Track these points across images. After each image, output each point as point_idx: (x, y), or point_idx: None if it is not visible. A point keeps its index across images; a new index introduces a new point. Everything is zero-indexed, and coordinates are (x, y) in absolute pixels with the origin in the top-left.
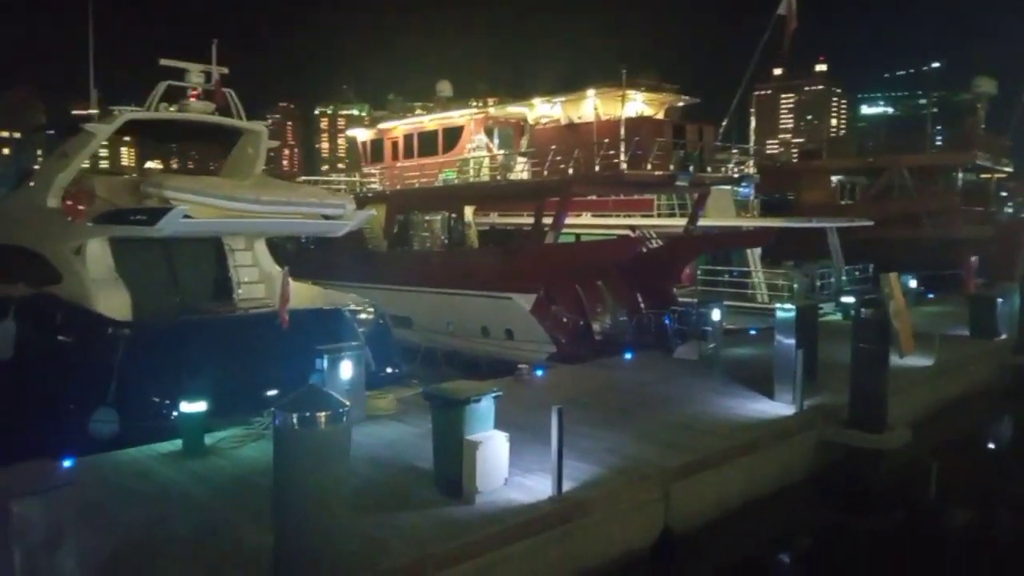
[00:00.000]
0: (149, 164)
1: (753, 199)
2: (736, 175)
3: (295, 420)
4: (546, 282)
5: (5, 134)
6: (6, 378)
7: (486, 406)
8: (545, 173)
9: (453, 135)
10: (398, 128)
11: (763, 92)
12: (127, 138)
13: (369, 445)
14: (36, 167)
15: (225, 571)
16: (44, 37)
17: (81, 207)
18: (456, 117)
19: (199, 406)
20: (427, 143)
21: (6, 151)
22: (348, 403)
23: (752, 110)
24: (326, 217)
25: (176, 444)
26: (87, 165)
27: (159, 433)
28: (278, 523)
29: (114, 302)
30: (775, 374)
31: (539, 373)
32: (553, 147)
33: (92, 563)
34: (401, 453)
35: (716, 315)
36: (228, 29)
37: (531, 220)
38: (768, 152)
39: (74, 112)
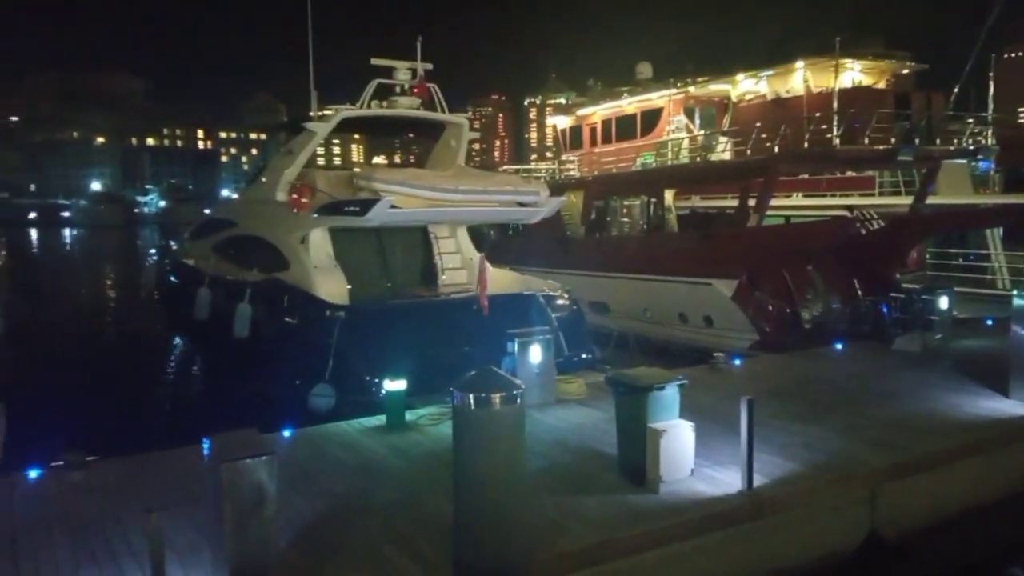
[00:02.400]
0: (375, 159)
1: (994, 173)
2: (971, 147)
3: (471, 400)
4: (749, 267)
5: (254, 136)
6: (243, 354)
7: (671, 394)
8: (749, 152)
9: (652, 117)
10: (596, 113)
11: (1013, 55)
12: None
13: (557, 428)
14: (270, 164)
15: (416, 539)
16: (281, 45)
17: (305, 200)
18: (655, 99)
19: (401, 384)
20: (625, 127)
21: (255, 150)
22: (523, 385)
23: (991, 73)
24: (521, 204)
25: (380, 419)
26: (311, 161)
27: (368, 408)
28: (457, 498)
29: (333, 287)
30: (1011, 368)
31: (737, 362)
32: (758, 124)
33: (298, 525)
34: (587, 438)
35: (944, 303)
36: (443, 26)
37: (735, 203)
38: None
39: (304, 113)
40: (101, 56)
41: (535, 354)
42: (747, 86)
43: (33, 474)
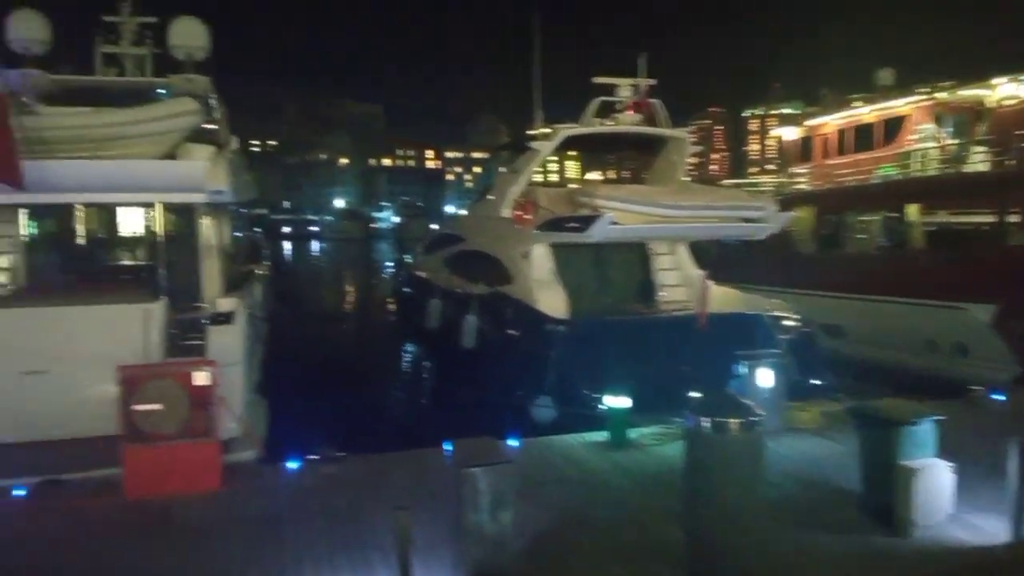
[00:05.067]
0: (588, 175)
1: None
2: None
3: (707, 424)
4: (1010, 291)
5: (479, 154)
6: (470, 363)
7: (925, 430)
8: (1008, 162)
9: (893, 126)
10: (828, 124)
11: None
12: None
13: (789, 458)
14: (494, 182)
15: (642, 559)
16: (504, 70)
17: (528, 217)
18: (898, 107)
19: (625, 401)
20: (862, 137)
21: (478, 169)
22: (763, 412)
23: None
24: (747, 220)
25: (602, 435)
26: (535, 178)
27: (587, 422)
28: (690, 524)
29: (553, 301)
30: None
31: (999, 398)
32: (1020, 132)
33: (528, 533)
34: (823, 470)
35: None
36: (659, 40)
37: (988, 218)
38: None
39: (526, 132)
40: (347, 85)
41: (765, 378)
42: (1008, 90)
43: (292, 465)
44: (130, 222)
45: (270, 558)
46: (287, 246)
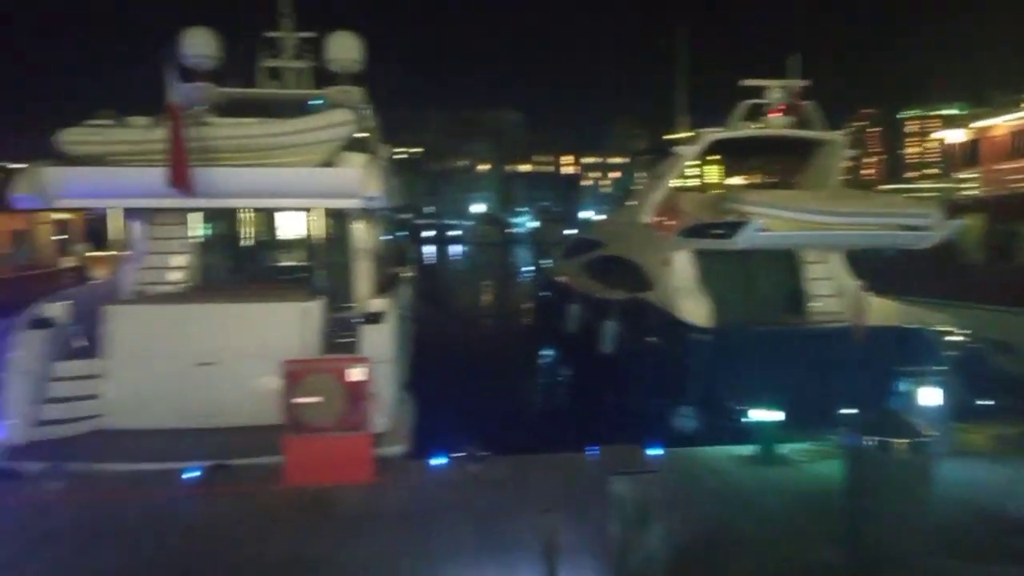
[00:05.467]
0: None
1: None
2: None
3: (870, 444)
4: None
5: (616, 159)
6: (608, 369)
7: None
8: None
9: None
10: (999, 126)
11: None
12: (715, 156)
13: (958, 484)
14: (636, 187)
15: None
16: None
17: (670, 222)
18: None
19: (773, 415)
20: None
21: (615, 174)
22: (932, 433)
23: None
24: (908, 228)
25: (748, 449)
26: (677, 184)
27: (731, 435)
28: (852, 547)
29: (695, 309)
30: None
31: None
32: None
33: (672, 544)
34: (996, 497)
35: None
36: (814, 40)
37: None
38: None
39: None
40: (489, 94)
41: (930, 397)
42: None
43: (438, 462)
44: (289, 226)
45: (419, 552)
46: (428, 250)
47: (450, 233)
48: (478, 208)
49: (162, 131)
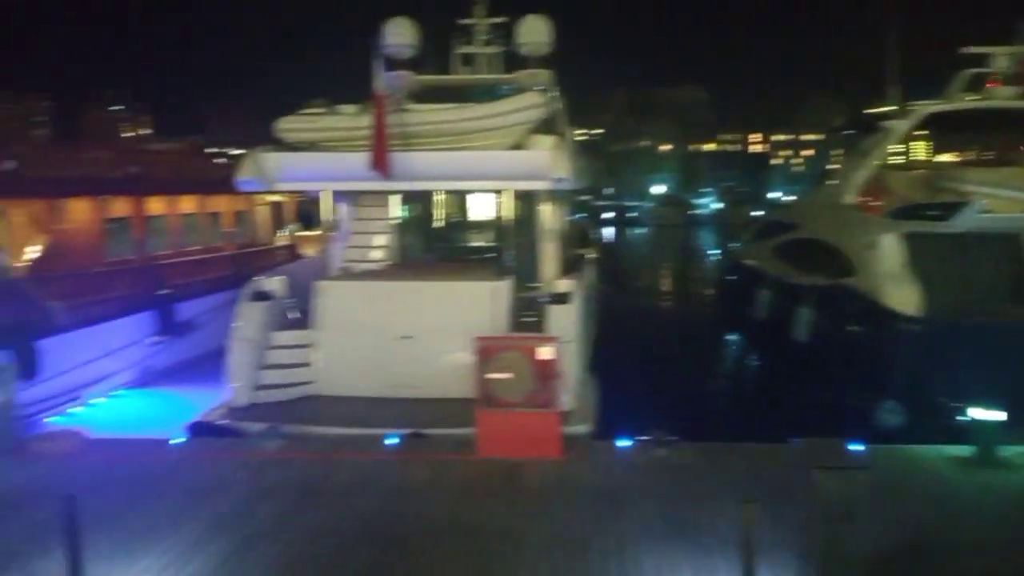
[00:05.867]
0: (940, 157)
1: None
2: None
3: None
4: None
5: (810, 136)
6: (801, 358)
7: None
8: None
9: None
10: None
11: None
12: (923, 132)
13: None
14: (834, 166)
15: None
16: (841, 46)
17: (876, 203)
18: None
19: (993, 414)
20: None
21: (808, 152)
22: None
23: None
24: None
25: (966, 450)
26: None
27: (943, 434)
28: None
29: (905, 297)
30: None
31: None
32: None
33: (878, 545)
34: None
35: None
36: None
37: None
38: None
39: (867, 111)
40: (673, 71)
41: None
42: None
43: (623, 443)
44: (480, 207)
45: (610, 531)
46: (607, 231)
47: (629, 215)
48: (659, 189)
49: (367, 118)
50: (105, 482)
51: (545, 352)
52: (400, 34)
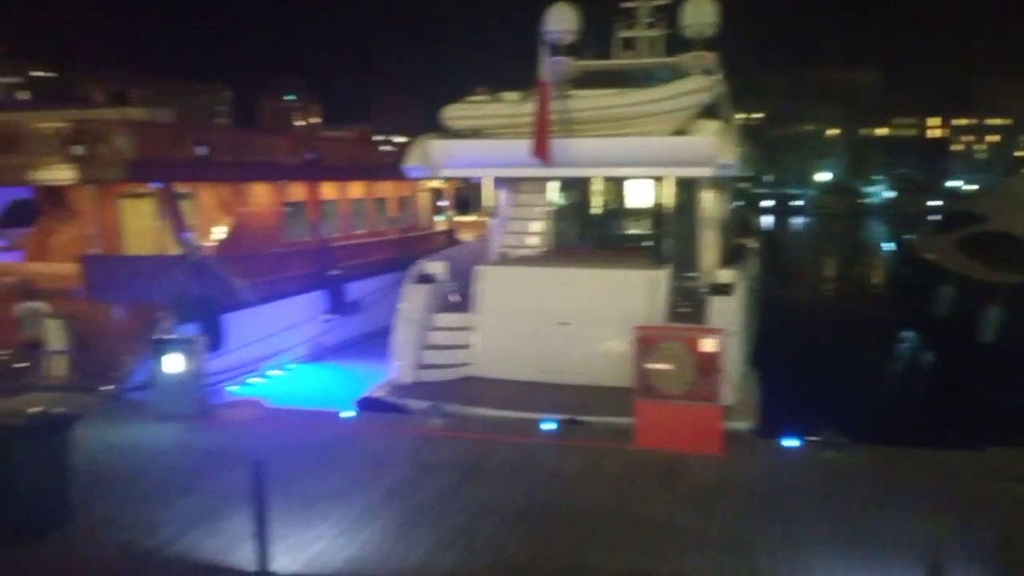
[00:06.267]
0: None
1: None
2: None
3: None
4: None
5: (996, 121)
6: (988, 360)
7: None
8: None
9: None
10: None
11: None
12: None
13: None
14: None
15: None
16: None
17: None
18: None
19: None
20: None
21: (993, 138)
22: None
23: None
24: None
25: None
26: None
27: None
28: None
29: None
30: None
31: None
32: None
33: None
34: None
35: None
36: None
37: None
38: None
39: None
40: (841, 51)
41: None
42: None
43: (790, 443)
44: (637, 194)
45: (776, 532)
46: (767, 220)
47: (791, 203)
48: (824, 176)
49: (530, 105)
50: (284, 449)
51: (708, 344)
52: (563, 20)
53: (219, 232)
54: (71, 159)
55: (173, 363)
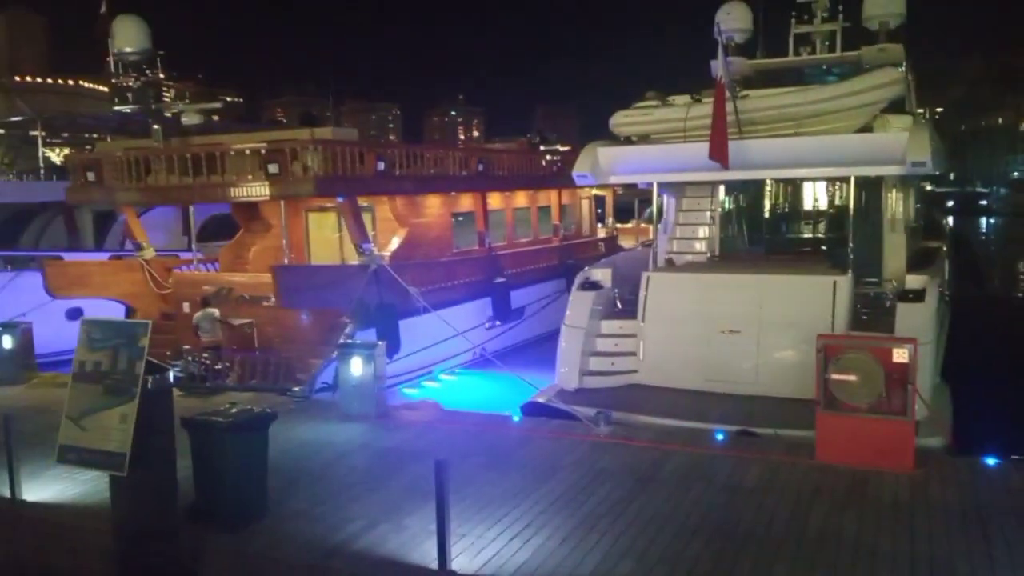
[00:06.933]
0: None
1: None
2: None
3: None
4: None
5: None
6: None
7: None
8: None
9: None
10: None
11: None
12: None
13: None
14: None
15: None
16: None
17: None
18: None
19: None
20: None
21: None
22: None
23: None
24: None
25: None
26: None
27: None
28: None
29: None
30: None
31: None
32: None
33: None
34: None
35: None
36: None
37: None
38: None
39: None
40: None
41: None
42: None
43: (991, 461)
44: (812, 196)
45: (977, 554)
46: (949, 221)
47: (978, 203)
48: (1017, 173)
49: (701, 108)
50: (460, 450)
51: (900, 354)
52: (735, 18)
53: (395, 242)
54: (266, 176)
55: (356, 366)
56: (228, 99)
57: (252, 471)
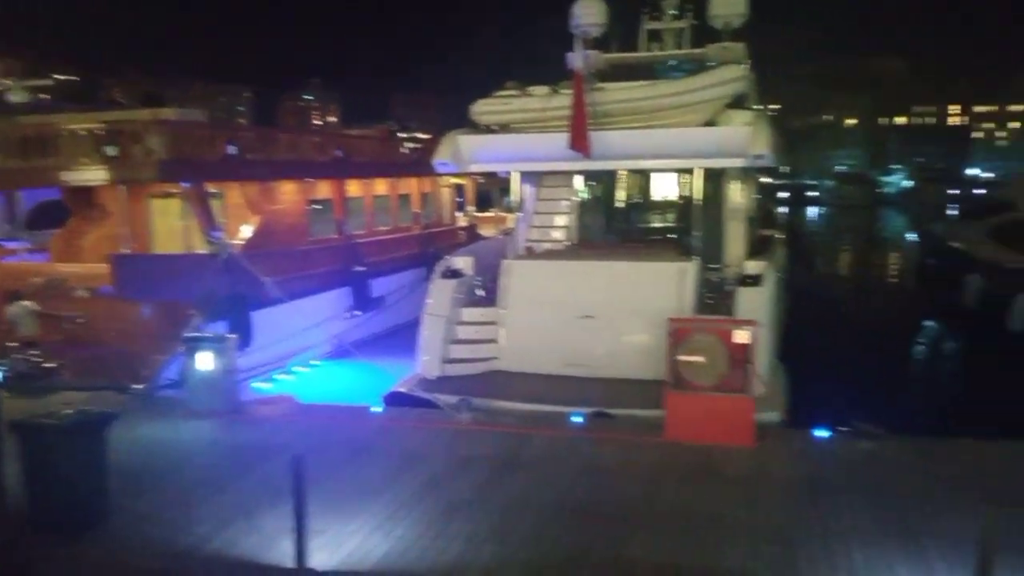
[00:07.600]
0: None
1: None
2: None
3: None
4: None
5: (1018, 107)
6: (1016, 349)
7: None
8: None
9: None
10: None
11: None
12: None
13: None
14: None
15: None
16: None
17: None
18: None
19: None
20: None
21: (1015, 124)
22: None
23: None
24: None
25: None
26: None
27: None
28: None
29: None
30: None
31: None
32: None
33: None
34: None
35: None
36: None
37: None
38: None
39: None
40: (861, 40)
41: None
42: None
43: (821, 434)
44: (662, 186)
45: (812, 523)
46: (781, 211)
47: (807, 194)
48: (841, 167)
49: (560, 99)
50: (317, 444)
51: (741, 336)
52: (591, 13)
53: (247, 230)
54: (104, 160)
55: (204, 360)
56: (61, 77)
57: (89, 476)
